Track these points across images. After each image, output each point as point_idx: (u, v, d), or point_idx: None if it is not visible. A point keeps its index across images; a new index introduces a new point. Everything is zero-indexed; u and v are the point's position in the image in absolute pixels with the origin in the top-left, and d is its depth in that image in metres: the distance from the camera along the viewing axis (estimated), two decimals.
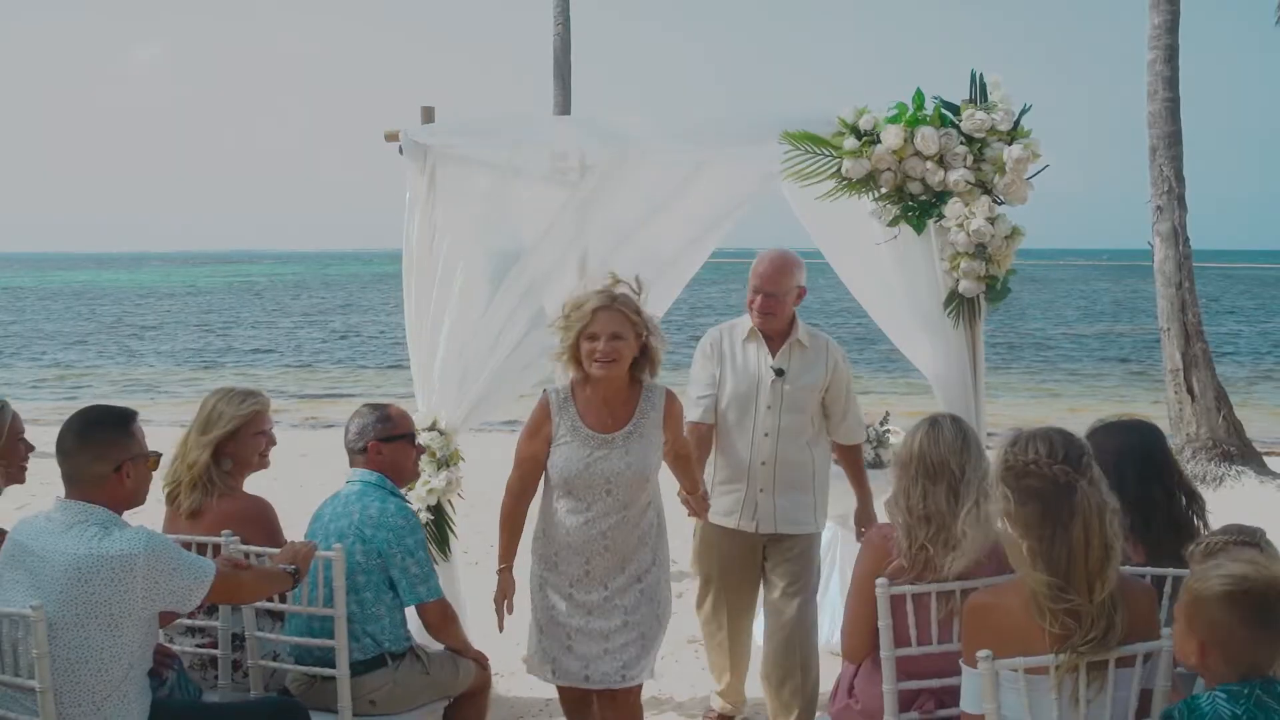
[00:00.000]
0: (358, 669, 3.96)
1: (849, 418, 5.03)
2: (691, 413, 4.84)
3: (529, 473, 4.19)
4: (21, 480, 4.07)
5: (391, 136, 5.60)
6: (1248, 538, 3.11)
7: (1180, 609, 2.63)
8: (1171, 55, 11.69)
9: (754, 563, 5.01)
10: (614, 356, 4.01)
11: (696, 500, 4.63)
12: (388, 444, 4.24)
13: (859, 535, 4.99)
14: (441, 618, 4.19)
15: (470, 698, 4.40)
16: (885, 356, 26.36)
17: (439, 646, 4.31)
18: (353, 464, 4.28)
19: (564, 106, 17.49)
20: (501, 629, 4.23)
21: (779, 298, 4.83)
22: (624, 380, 4.13)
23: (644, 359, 4.14)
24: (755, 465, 4.86)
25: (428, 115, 5.66)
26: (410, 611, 4.23)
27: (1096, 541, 2.75)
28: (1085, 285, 67.93)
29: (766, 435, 4.86)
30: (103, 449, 3.40)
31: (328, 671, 3.92)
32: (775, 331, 4.94)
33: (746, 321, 4.95)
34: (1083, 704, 2.78)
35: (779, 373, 4.86)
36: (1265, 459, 11.96)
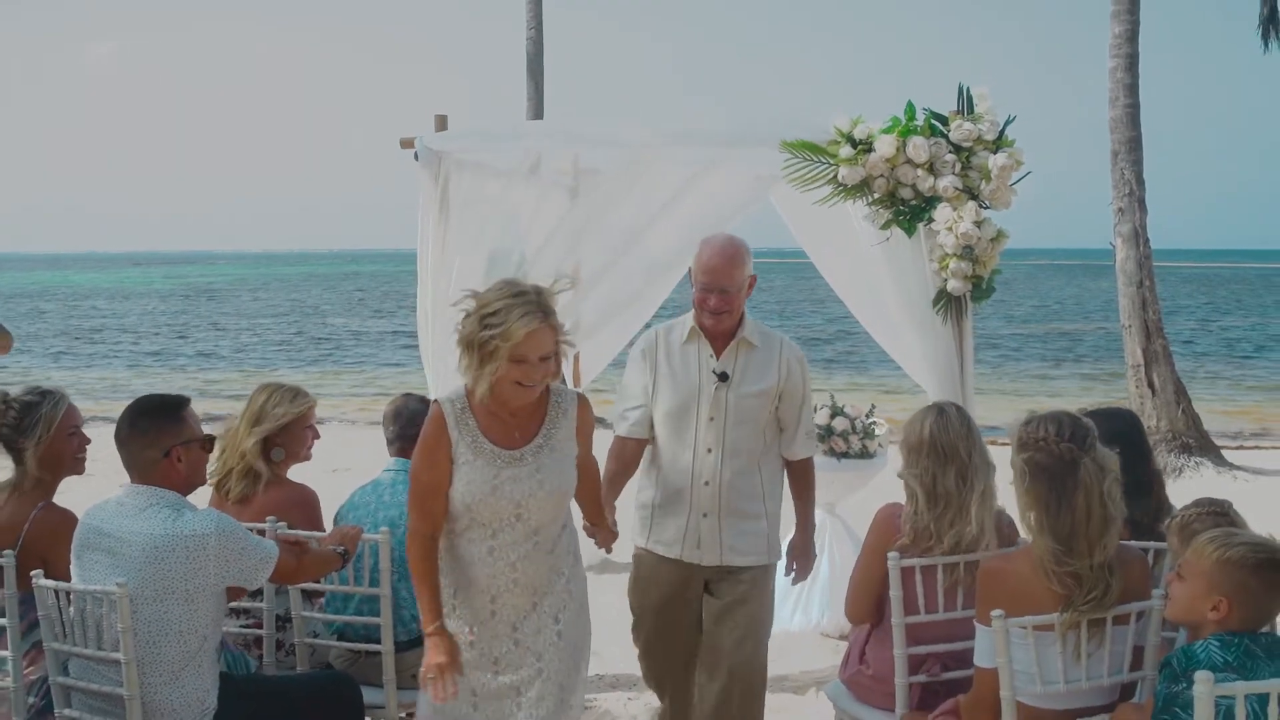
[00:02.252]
0: (402, 647, 4.24)
1: (802, 430, 4.38)
2: (619, 426, 4.36)
3: (435, 508, 3.52)
4: (79, 471, 4.30)
5: (407, 144, 5.87)
6: (1219, 509, 3.45)
7: (1204, 569, 2.94)
8: (1132, 63, 12.14)
9: (696, 604, 4.34)
10: (544, 377, 3.47)
11: (601, 532, 3.95)
12: None
13: (789, 568, 4.54)
14: None
15: None
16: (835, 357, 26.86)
17: None
18: (391, 453, 4.56)
19: (537, 106, 17.77)
20: (443, 699, 3.50)
21: (733, 293, 4.21)
22: None
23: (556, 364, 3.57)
24: (697, 486, 4.24)
25: (441, 124, 5.95)
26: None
27: (1097, 512, 3.09)
28: (1041, 284, 68.86)
29: (709, 451, 4.23)
30: (152, 436, 3.66)
31: (372, 647, 4.19)
32: (722, 330, 4.31)
33: (687, 321, 4.34)
34: (1084, 657, 3.11)
35: (722, 377, 4.22)
36: (1223, 452, 12.44)
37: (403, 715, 4.28)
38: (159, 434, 3.67)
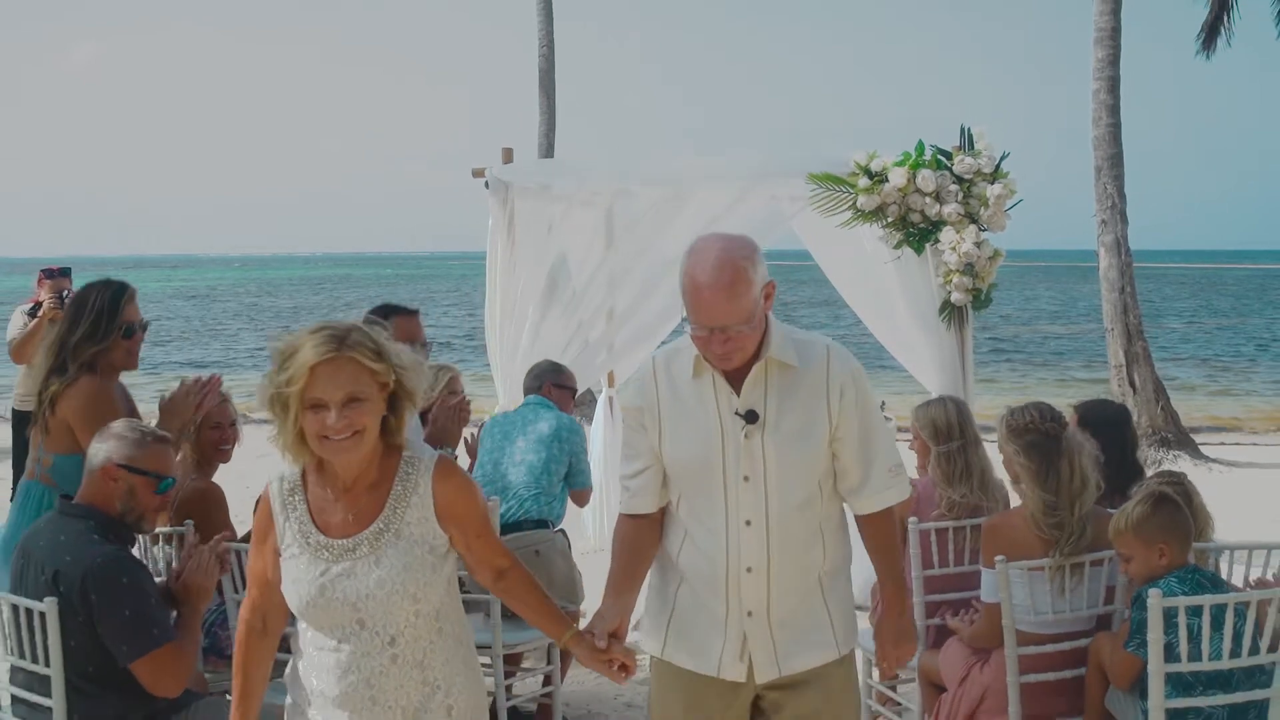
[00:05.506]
0: (526, 525, 5.28)
1: (876, 469, 3.09)
2: (621, 501, 3.18)
3: (264, 596, 2.86)
4: (222, 459, 5.13)
5: (478, 173, 6.76)
6: (1175, 479, 4.26)
7: (1130, 541, 3.74)
8: (1114, 86, 13.05)
9: None
10: (355, 428, 2.68)
11: (587, 653, 2.89)
12: (557, 389, 5.79)
13: (879, 657, 3.31)
14: (587, 499, 5.84)
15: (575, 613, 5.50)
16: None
17: None
18: (526, 393, 5.84)
19: (549, 119, 18.63)
20: None
21: (743, 332, 2.93)
22: (372, 454, 2.77)
23: (395, 415, 2.77)
24: (737, 574, 3.01)
25: (508, 155, 6.82)
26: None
27: (1077, 475, 3.95)
28: (1026, 288, 69.91)
29: (748, 524, 3.00)
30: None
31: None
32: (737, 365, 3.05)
33: (692, 345, 3.03)
34: (1068, 592, 3.96)
35: (749, 417, 2.98)
36: (1201, 447, 13.32)
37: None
38: None
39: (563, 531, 5.54)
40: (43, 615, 3.41)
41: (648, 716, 3.31)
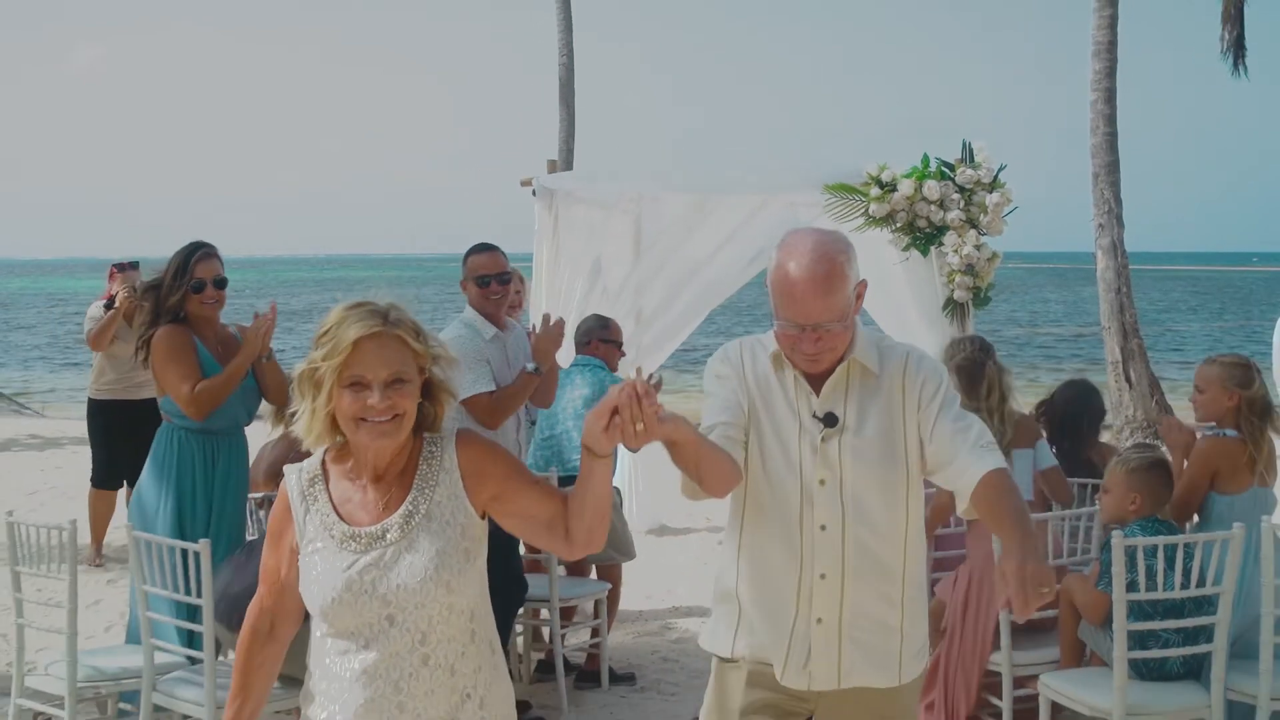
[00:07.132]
0: (563, 482, 5.68)
1: (968, 444, 2.82)
2: None
3: (274, 599, 2.67)
4: None
5: (525, 182, 7.47)
6: (1153, 450, 4.96)
7: (1119, 480, 4.43)
8: (1110, 97, 13.70)
9: None
10: (397, 411, 2.49)
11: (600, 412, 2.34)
12: (603, 344, 6.18)
13: (1004, 603, 2.68)
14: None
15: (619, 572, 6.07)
16: None
17: None
18: (578, 352, 6.19)
19: (569, 128, 19.29)
20: None
21: (834, 330, 2.80)
22: (406, 442, 2.59)
23: (432, 403, 2.60)
24: (810, 580, 2.89)
25: (553, 166, 7.54)
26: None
27: (996, 391, 4.89)
28: (1032, 291, 70.40)
29: (824, 529, 2.87)
30: None
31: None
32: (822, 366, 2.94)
33: (770, 339, 2.94)
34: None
35: (828, 420, 2.86)
36: None
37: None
38: None
39: (616, 488, 6.16)
40: (197, 554, 4.11)
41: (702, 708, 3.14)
